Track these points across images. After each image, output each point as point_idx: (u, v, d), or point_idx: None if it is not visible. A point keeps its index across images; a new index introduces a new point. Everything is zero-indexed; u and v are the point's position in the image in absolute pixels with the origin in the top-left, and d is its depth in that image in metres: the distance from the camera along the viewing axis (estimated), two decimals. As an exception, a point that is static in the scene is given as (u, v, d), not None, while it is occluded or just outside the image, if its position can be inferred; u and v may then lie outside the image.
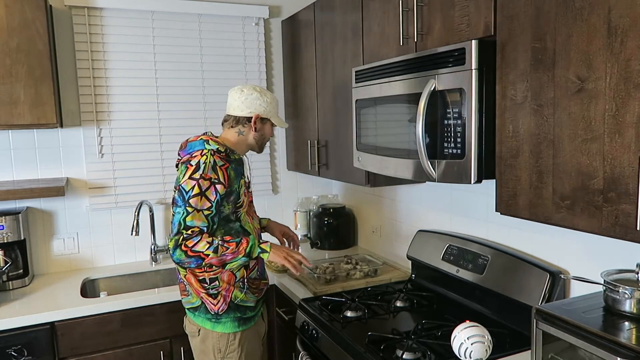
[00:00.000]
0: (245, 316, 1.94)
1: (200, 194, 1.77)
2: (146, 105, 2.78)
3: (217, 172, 1.80)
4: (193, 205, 1.76)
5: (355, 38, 2.22)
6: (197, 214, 1.77)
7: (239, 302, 1.92)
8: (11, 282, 2.41)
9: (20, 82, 2.25)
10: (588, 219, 1.24)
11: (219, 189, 1.80)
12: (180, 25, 2.82)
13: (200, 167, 1.79)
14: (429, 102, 1.60)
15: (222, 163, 1.84)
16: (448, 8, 1.64)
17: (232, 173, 1.86)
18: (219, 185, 1.80)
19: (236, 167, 1.90)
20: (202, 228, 1.78)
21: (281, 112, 3.12)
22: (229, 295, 1.90)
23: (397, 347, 1.66)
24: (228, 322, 1.92)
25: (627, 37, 1.11)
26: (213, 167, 1.80)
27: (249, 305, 1.95)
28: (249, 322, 1.97)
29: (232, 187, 1.86)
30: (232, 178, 1.86)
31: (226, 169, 1.84)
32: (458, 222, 2.25)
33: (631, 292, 1.31)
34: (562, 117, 1.28)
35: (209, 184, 1.78)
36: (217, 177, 1.80)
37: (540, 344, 1.37)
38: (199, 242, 1.76)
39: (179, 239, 1.76)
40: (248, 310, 1.95)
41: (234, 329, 1.92)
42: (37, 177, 2.62)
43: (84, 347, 2.18)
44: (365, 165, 2.07)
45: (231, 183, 1.85)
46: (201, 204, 1.77)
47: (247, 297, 1.93)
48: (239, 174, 1.91)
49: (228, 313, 1.91)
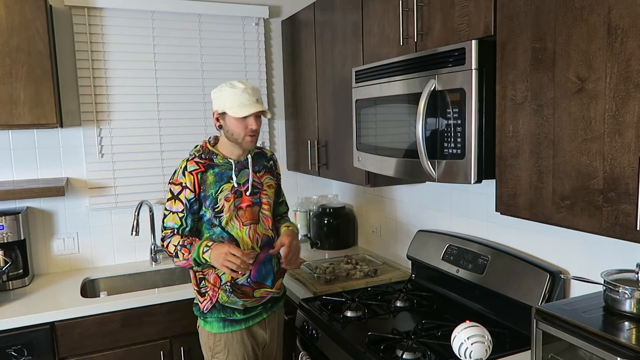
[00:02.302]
0: (231, 318, 1.92)
1: (172, 198, 1.89)
2: (146, 105, 2.78)
3: (185, 177, 1.88)
4: (168, 208, 1.91)
5: (355, 38, 2.22)
6: (172, 216, 1.90)
7: (224, 303, 1.91)
8: (11, 282, 2.41)
9: (20, 82, 2.25)
10: (588, 219, 1.24)
11: (186, 193, 1.87)
12: (180, 25, 2.82)
13: (175, 172, 1.92)
14: (429, 102, 1.59)
15: (195, 168, 1.88)
16: (448, 8, 1.63)
17: (209, 178, 1.89)
18: (186, 190, 1.87)
19: (220, 171, 1.90)
20: (176, 229, 1.90)
21: (280, 111, 3.13)
22: (215, 296, 1.91)
23: (397, 347, 1.66)
24: (214, 322, 1.93)
25: (627, 37, 1.11)
26: (183, 172, 1.88)
27: (236, 307, 1.92)
28: (236, 325, 1.93)
29: (206, 192, 1.88)
30: (209, 182, 1.88)
31: (197, 174, 1.87)
32: (458, 222, 2.25)
33: (631, 292, 1.31)
34: (562, 117, 1.28)
35: (180, 187, 1.88)
36: (186, 181, 1.87)
37: (540, 344, 1.37)
38: (169, 244, 1.90)
39: (163, 237, 1.93)
40: (235, 312, 1.92)
41: (219, 329, 1.92)
42: (37, 177, 2.62)
43: (84, 347, 2.18)
44: (365, 165, 2.07)
45: (205, 188, 1.88)
46: (175, 206, 1.89)
47: (231, 300, 1.91)
48: (222, 178, 1.90)
49: (212, 312, 1.92)
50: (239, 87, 1.86)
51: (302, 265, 2.53)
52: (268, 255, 1.96)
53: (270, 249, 1.97)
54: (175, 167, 1.94)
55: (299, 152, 2.93)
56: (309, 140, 2.73)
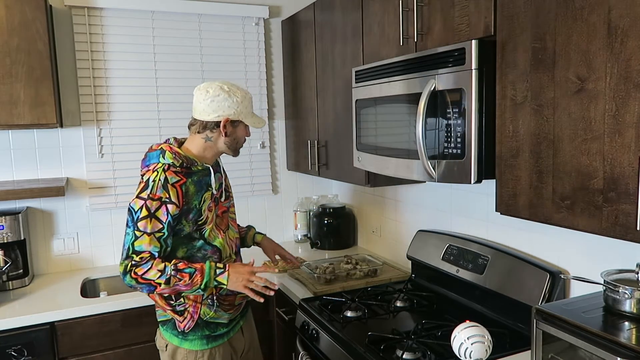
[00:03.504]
0: (215, 333, 1.80)
1: (149, 216, 1.61)
2: (146, 105, 2.79)
3: (167, 191, 1.63)
4: (142, 229, 1.61)
5: (355, 38, 2.22)
6: (147, 238, 1.61)
7: (209, 319, 1.78)
8: (11, 282, 2.41)
9: (20, 82, 2.25)
10: (588, 219, 1.24)
11: (171, 209, 1.63)
12: (180, 25, 2.82)
13: (149, 185, 1.63)
14: (429, 102, 1.59)
15: (176, 179, 1.66)
16: (448, 8, 1.64)
17: (191, 188, 1.69)
18: (170, 205, 1.63)
19: (199, 179, 1.73)
20: (153, 253, 1.62)
21: (280, 111, 3.13)
22: (196, 312, 1.75)
23: (397, 347, 1.66)
24: (196, 340, 1.77)
25: (627, 37, 1.11)
26: (164, 185, 1.63)
27: (221, 322, 1.81)
28: (220, 339, 1.82)
29: (189, 205, 1.69)
30: (191, 194, 1.69)
31: (181, 186, 1.66)
32: (458, 222, 2.25)
33: (631, 292, 1.30)
34: (562, 117, 1.28)
35: (159, 203, 1.62)
36: (169, 195, 1.63)
37: (540, 344, 1.37)
38: (149, 270, 1.60)
39: (127, 264, 1.61)
40: (220, 327, 1.81)
41: (202, 346, 1.77)
42: (37, 177, 2.62)
43: (84, 347, 2.18)
44: (365, 165, 2.07)
45: (188, 200, 1.68)
46: (151, 226, 1.61)
47: (217, 315, 1.79)
48: (201, 187, 1.73)
49: (195, 331, 1.76)
50: (242, 92, 1.76)
51: (302, 265, 2.53)
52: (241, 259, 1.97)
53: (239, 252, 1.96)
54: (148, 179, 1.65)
55: (299, 152, 2.93)
56: (309, 140, 2.73)
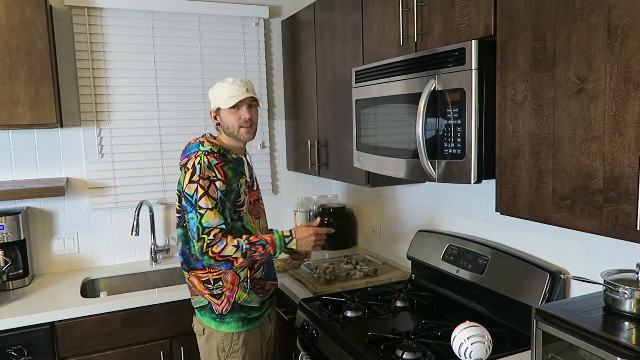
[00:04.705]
0: (249, 316, 1.94)
1: (205, 194, 1.78)
2: (146, 105, 2.78)
3: (213, 170, 1.82)
4: (203, 206, 1.77)
5: (355, 38, 2.22)
6: (211, 213, 1.77)
7: (243, 303, 1.91)
8: (11, 282, 2.41)
9: (20, 82, 2.25)
10: (588, 219, 1.24)
11: (219, 185, 1.81)
12: (180, 25, 2.82)
13: (197, 168, 1.81)
14: (429, 102, 1.59)
15: (217, 162, 1.85)
16: (448, 8, 1.63)
17: (229, 172, 1.88)
18: (218, 182, 1.81)
19: (234, 166, 1.91)
20: (221, 227, 1.78)
21: (280, 111, 3.13)
22: (232, 296, 1.89)
23: (397, 347, 1.66)
24: (232, 322, 1.92)
25: (627, 37, 1.11)
26: (209, 165, 1.82)
27: (254, 305, 1.95)
28: (253, 322, 1.96)
29: (231, 186, 1.86)
30: (230, 177, 1.87)
31: (221, 167, 1.85)
32: (458, 222, 2.25)
33: (631, 292, 1.30)
34: (562, 117, 1.28)
35: (209, 182, 1.80)
36: (215, 174, 1.82)
37: (540, 344, 1.37)
38: (225, 247, 1.76)
39: (202, 245, 1.76)
40: (253, 311, 1.95)
41: (237, 328, 1.92)
42: (37, 177, 2.62)
43: (84, 347, 2.18)
44: (365, 165, 2.07)
45: (229, 181, 1.86)
46: (211, 202, 1.78)
47: (250, 298, 1.93)
48: (238, 173, 1.91)
49: (232, 313, 1.91)
50: (228, 80, 1.92)
51: (302, 265, 2.53)
52: None
53: None
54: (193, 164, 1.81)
55: (299, 152, 2.93)
56: (309, 140, 2.73)
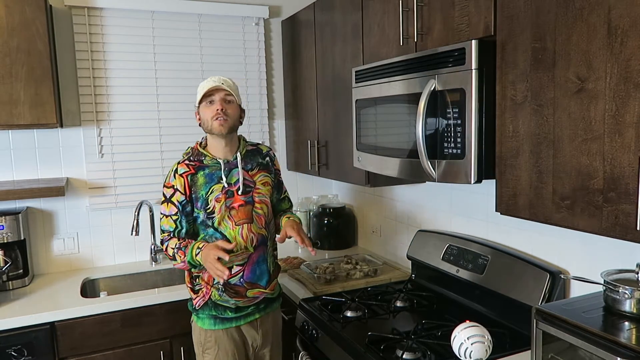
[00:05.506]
0: (222, 316, 1.94)
1: (166, 201, 1.92)
2: (146, 105, 2.78)
3: (176, 180, 1.90)
4: (162, 211, 1.93)
5: (355, 38, 2.22)
6: (166, 219, 1.92)
7: (217, 301, 1.94)
8: (11, 282, 2.41)
9: (20, 82, 2.25)
10: (588, 219, 1.24)
11: (177, 196, 1.90)
12: (180, 25, 2.82)
13: (168, 175, 1.94)
14: (429, 102, 1.59)
15: (185, 170, 1.90)
16: (448, 8, 1.64)
17: (200, 180, 1.91)
18: (177, 192, 1.90)
19: (210, 172, 1.92)
20: (171, 231, 1.92)
21: (280, 111, 3.13)
22: (208, 293, 1.94)
23: (397, 347, 1.66)
24: (205, 319, 1.95)
25: (627, 37, 1.11)
26: (174, 174, 1.91)
27: (228, 306, 1.93)
28: (227, 323, 1.95)
29: (197, 194, 1.90)
30: (200, 184, 1.90)
31: (188, 176, 1.90)
32: (458, 222, 2.25)
33: (631, 292, 1.31)
34: (562, 117, 1.28)
35: (172, 190, 1.91)
36: (177, 184, 1.90)
37: (540, 344, 1.37)
38: (167, 247, 1.92)
39: (161, 240, 1.95)
40: (227, 311, 1.94)
41: (210, 326, 1.95)
42: (37, 177, 2.61)
43: (84, 347, 2.18)
44: (365, 165, 2.07)
45: (196, 190, 1.90)
46: (168, 209, 1.91)
47: (223, 299, 1.93)
48: (212, 179, 1.91)
49: (204, 309, 1.94)
50: (207, 78, 1.93)
51: (302, 265, 2.53)
52: (263, 255, 1.97)
53: (265, 248, 1.97)
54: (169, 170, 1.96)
55: (299, 152, 2.93)
56: (309, 140, 2.73)
